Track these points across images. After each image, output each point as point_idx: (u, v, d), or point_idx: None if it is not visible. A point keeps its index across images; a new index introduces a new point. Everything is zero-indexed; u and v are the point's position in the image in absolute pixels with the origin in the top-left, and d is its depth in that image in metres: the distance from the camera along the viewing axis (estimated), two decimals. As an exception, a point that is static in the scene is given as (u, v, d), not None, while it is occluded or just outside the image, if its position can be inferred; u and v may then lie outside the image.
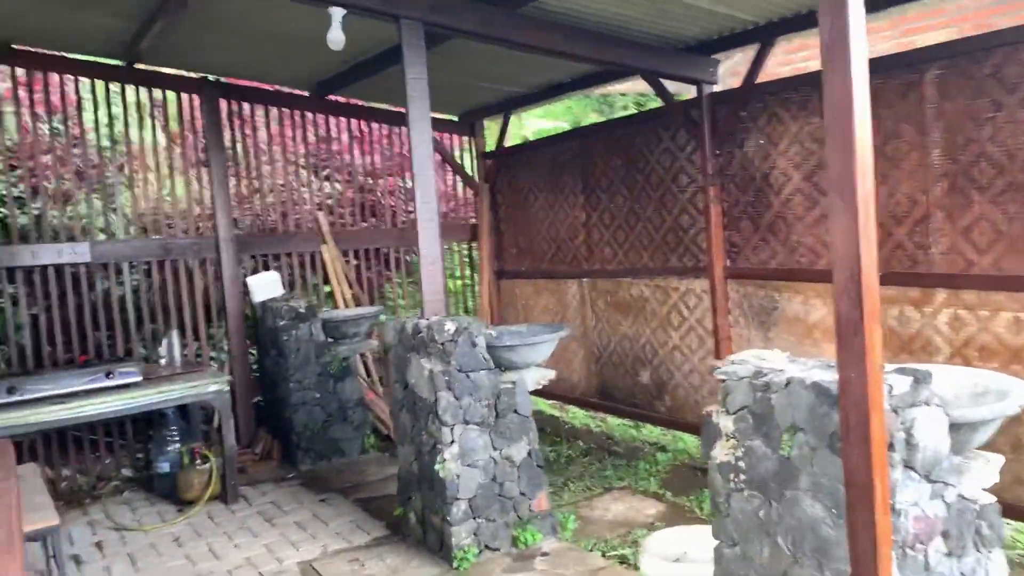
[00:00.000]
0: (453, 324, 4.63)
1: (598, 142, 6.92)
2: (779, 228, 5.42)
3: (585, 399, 7.44)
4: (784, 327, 5.45)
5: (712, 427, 2.96)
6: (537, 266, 7.85)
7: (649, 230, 6.48)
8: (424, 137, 4.70)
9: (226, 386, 5.98)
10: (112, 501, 6.29)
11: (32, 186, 6.62)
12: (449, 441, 4.58)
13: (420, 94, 4.68)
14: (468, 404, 4.63)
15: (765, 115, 5.43)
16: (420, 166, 4.71)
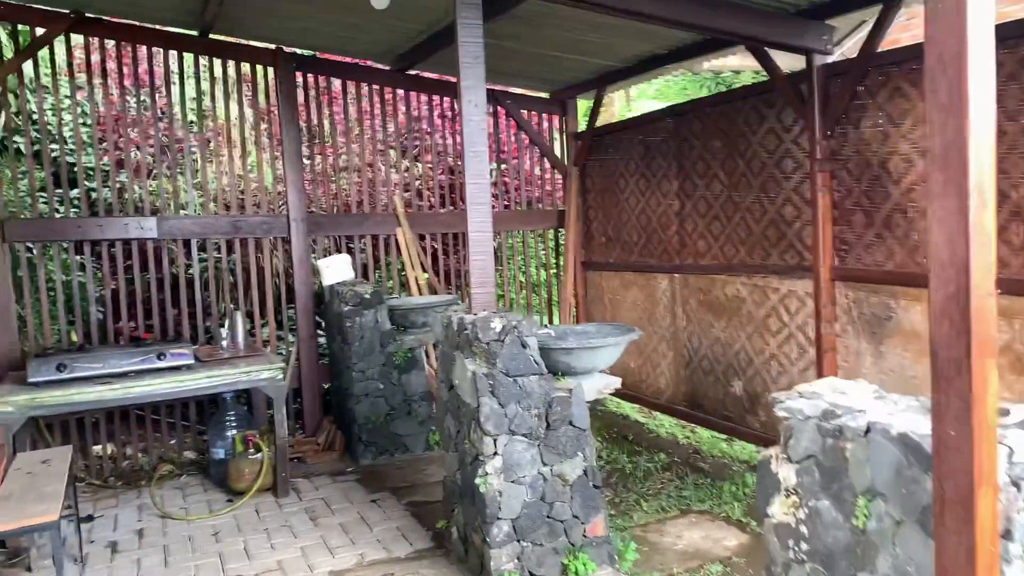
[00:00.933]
0: (500, 322, 4.09)
1: (694, 121, 6.19)
2: (897, 224, 4.59)
3: (672, 406, 6.76)
4: (899, 340, 4.62)
5: (769, 476, 2.31)
6: (626, 258, 7.19)
7: (748, 222, 5.73)
8: (477, 108, 4.16)
9: (280, 373, 5.65)
10: (167, 485, 6.11)
11: (116, 160, 6.51)
12: (491, 453, 4.05)
13: (473, 59, 4.15)
14: (515, 413, 4.08)
15: (886, 90, 4.60)
16: (472, 141, 4.18)
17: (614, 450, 6.49)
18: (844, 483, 2.05)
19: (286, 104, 6.68)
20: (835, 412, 2.08)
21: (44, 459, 4.54)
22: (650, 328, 6.91)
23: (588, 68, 6.93)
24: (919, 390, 4.52)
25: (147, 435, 6.51)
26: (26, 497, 3.89)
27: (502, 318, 4.12)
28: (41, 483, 4.10)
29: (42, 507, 3.73)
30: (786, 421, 2.22)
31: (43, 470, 4.34)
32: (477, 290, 4.27)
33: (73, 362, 5.29)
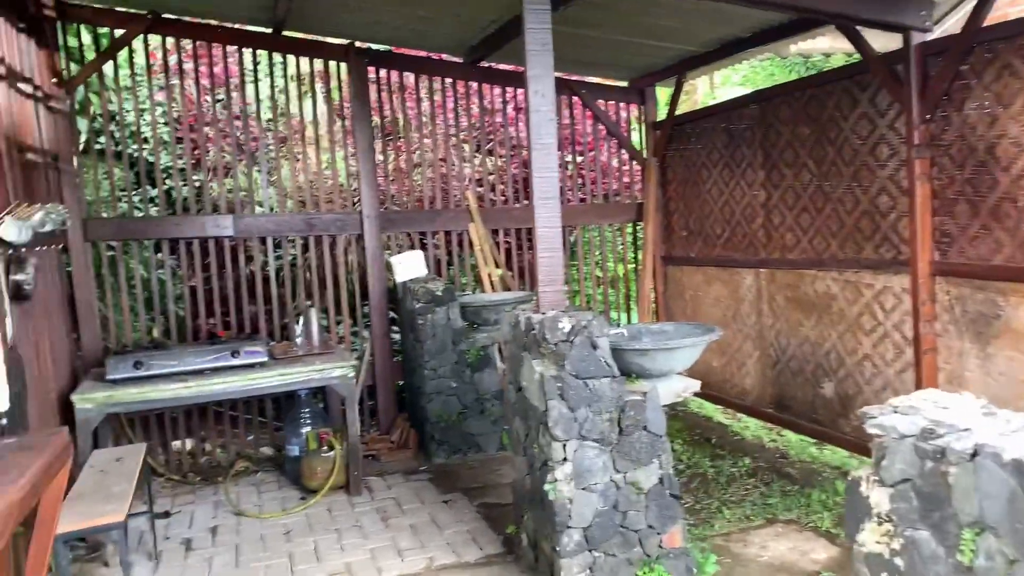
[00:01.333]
0: (569, 322, 3.90)
1: (781, 107, 5.85)
2: (1007, 214, 4.19)
3: (758, 408, 6.43)
4: (1009, 341, 4.23)
5: (859, 499, 2.06)
6: (708, 252, 6.88)
7: (839, 213, 5.37)
8: (544, 98, 3.98)
9: (351, 371, 5.60)
10: (244, 481, 6.15)
11: (195, 158, 6.58)
12: (561, 459, 3.87)
13: (541, 47, 3.96)
14: (585, 417, 3.88)
15: (993, 68, 4.20)
16: (539, 132, 3.99)
17: (695, 454, 6.21)
18: (947, 513, 1.79)
19: (359, 100, 6.62)
20: (935, 431, 1.82)
21: (118, 456, 4.59)
22: (734, 326, 6.59)
23: (667, 54, 6.65)
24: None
25: (225, 431, 6.57)
26: (96, 496, 3.91)
27: (571, 317, 3.93)
28: (112, 482, 4.12)
29: (110, 507, 3.73)
30: (878, 439, 1.97)
31: (115, 468, 4.38)
32: (545, 288, 4.09)
33: (150, 360, 5.35)
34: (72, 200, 5.87)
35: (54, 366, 5.28)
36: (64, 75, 5.86)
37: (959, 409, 1.91)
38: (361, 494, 5.69)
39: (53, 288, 5.44)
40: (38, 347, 4.90)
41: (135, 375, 5.26)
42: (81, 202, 5.98)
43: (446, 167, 7.17)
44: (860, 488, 2.08)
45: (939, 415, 1.90)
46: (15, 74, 4.99)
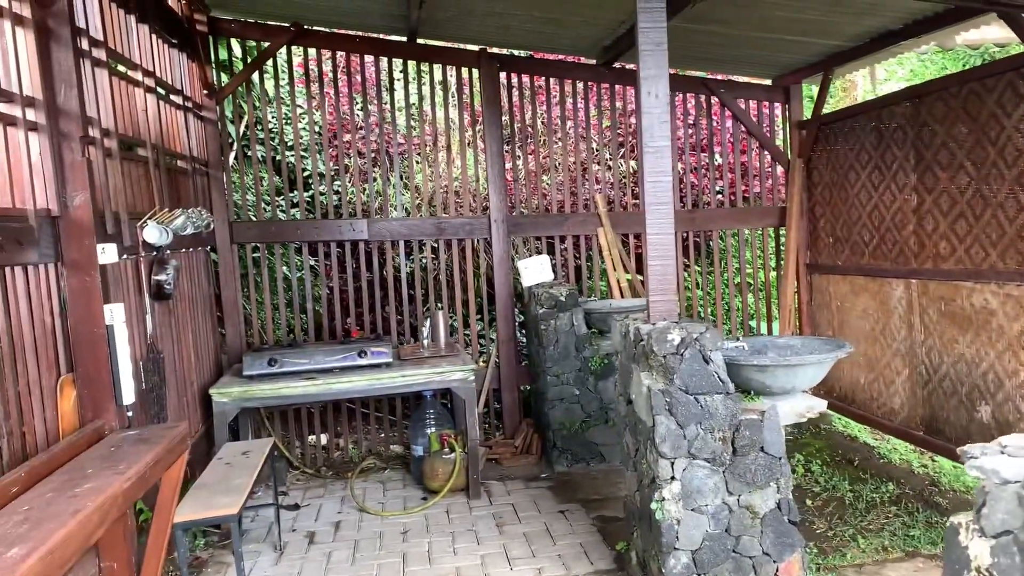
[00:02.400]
0: (679, 333, 3.71)
1: (936, 104, 5.36)
2: None
3: (906, 430, 5.93)
4: None
5: (958, 549, 1.81)
6: (856, 260, 6.42)
7: (1000, 220, 4.86)
8: (657, 99, 3.80)
9: (471, 375, 5.61)
10: (372, 478, 6.30)
11: (337, 164, 6.83)
12: (668, 477, 3.69)
13: (655, 46, 3.79)
14: (695, 434, 3.69)
15: None
16: (651, 135, 3.83)
17: (834, 475, 5.80)
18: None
19: (489, 104, 6.65)
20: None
21: (245, 450, 4.80)
22: (883, 341, 6.12)
23: (810, 50, 6.26)
24: None
25: (357, 428, 6.77)
26: (217, 488, 4.09)
27: (682, 329, 3.74)
28: (235, 475, 4.31)
29: (227, 500, 3.90)
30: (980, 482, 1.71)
31: (241, 461, 4.57)
32: (656, 297, 3.92)
33: (283, 357, 5.58)
34: (220, 204, 6.22)
35: (197, 361, 5.61)
36: (214, 87, 6.22)
37: None
38: (480, 498, 5.70)
39: (199, 287, 5.78)
40: (181, 342, 5.22)
41: (269, 371, 5.51)
42: (229, 206, 6.32)
43: (572, 171, 7.08)
44: (959, 536, 1.82)
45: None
46: (166, 86, 5.33)
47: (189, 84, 5.87)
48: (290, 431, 6.61)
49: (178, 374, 5.12)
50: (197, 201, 5.81)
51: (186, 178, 5.64)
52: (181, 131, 5.62)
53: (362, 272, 6.64)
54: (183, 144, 5.62)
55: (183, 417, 5.08)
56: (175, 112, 5.53)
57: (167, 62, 5.43)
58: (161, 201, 4.96)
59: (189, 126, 5.81)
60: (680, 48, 6.34)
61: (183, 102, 5.66)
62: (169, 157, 5.27)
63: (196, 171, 5.86)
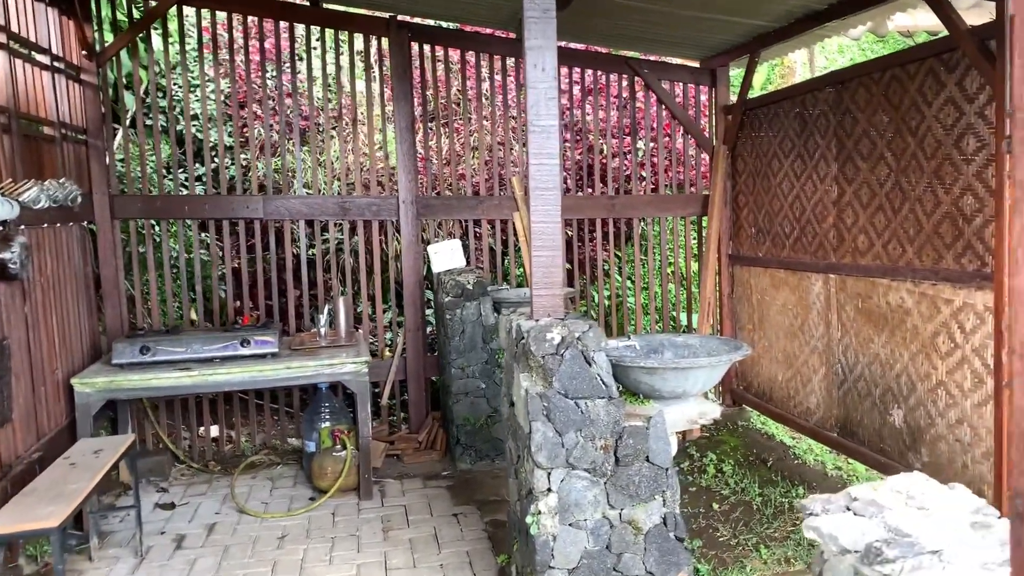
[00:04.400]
0: (560, 332, 3.38)
1: (858, 90, 5.09)
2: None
3: (821, 431, 5.71)
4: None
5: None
6: (777, 253, 6.17)
7: (918, 215, 4.61)
8: (544, 73, 3.45)
9: (364, 367, 5.23)
10: (261, 474, 5.90)
11: (242, 137, 6.36)
12: (544, 489, 3.37)
13: (541, 13, 3.44)
14: (574, 442, 3.37)
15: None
16: (537, 112, 3.47)
17: (745, 477, 5.56)
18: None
19: (399, 78, 6.22)
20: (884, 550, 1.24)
21: (98, 448, 4.36)
22: (801, 337, 5.88)
23: (736, 30, 5.95)
24: None
25: (252, 420, 6.34)
26: (47, 494, 3.66)
27: (564, 327, 3.41)
28: (74, 478, 3.88)
29: (51, 509, 3.47)
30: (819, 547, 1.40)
31: (88, 462, 4.14)
32: (540, 292, 3.57)
33: (157, 345, 5.13)
34: (100, 176, 5.72)
35: (64, 347, 5.13)
36: (95, 48, 5.70)
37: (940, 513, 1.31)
38: (372, 498, 5.34)
39: (68, 266, 5.28)
40: (39, 328, 4.74)
41: (141, 360, 5.06)
42: (111, 178, 5.83)
43: (492, 152, 6.71)
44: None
45: (906, 520, 1.32)
46: (27, 43, 4.82)
47: (60, 43, 5.34)
48: (179, 422, 6.16)
49: (34, 363, 4.64)
50: (67, 172, 5.30)
51: (53, 146, 5.13)
52: (48, 94, 5.11)
53: (268, 253, 6.20)
54: (49, 109, 5.11)
55: (38, 410, 4.61)
56: (40, 73, 5.02)
57: (30, 17, 4.91)
58: (12, 171, 4.47)
59: (59, 89, 5.29)
60: (609, 26, 6.02)
61: (51, 63, 5.15)
62: (28, 123, 4.77)
63: (67, 139, 5.35)
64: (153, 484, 5.72)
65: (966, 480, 4.27)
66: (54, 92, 5.17)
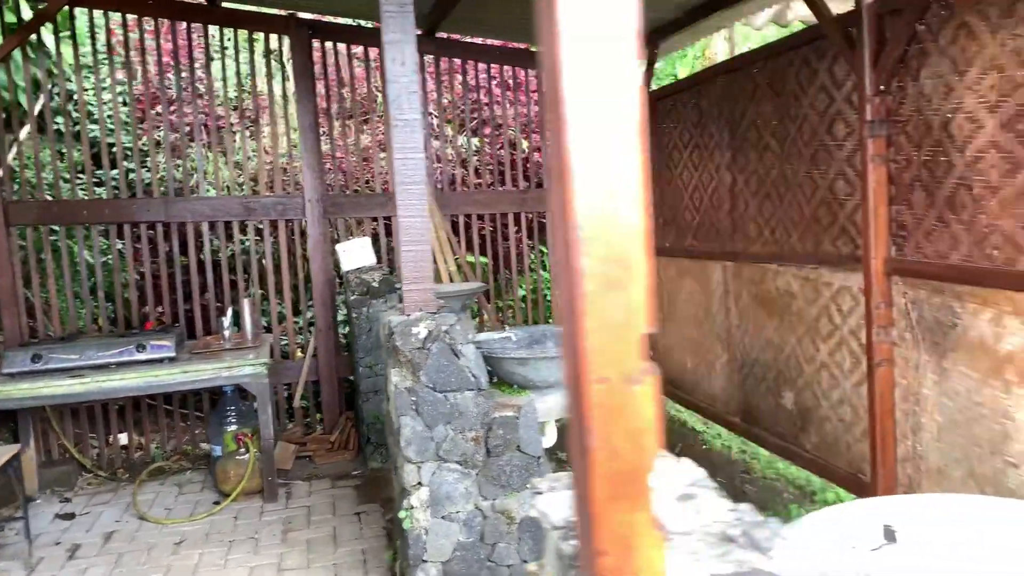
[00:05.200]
0: (426, 326, 3.39)
1: (746, 80, 5.18)
2: (963, 203, 3.50)
3: (725, 416, 5.80)
4: (964, 355, 3.55)
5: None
6: (681, 242, 6.25)
7: (799, 201, 4.71)
8: (403, 67, 3.45)
9: (263, 369, 5.20)
10: (172, 480, 5.83)
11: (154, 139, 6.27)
12: (415, 483, 3.38)
13: (398, 8, 3.44)
14: (444, 435, 3.38)
15: (950, 28, 3.50)
16: (399, 107, 3.48)
17: (652, 464, 5.62)
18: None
19: (301, 76, 6.18)
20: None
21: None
22: (706, 324, 5.97)
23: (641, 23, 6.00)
24: (985, 425, 3.45)
25: (162, 426, 6.26)
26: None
27: (432, 321, 3.42)
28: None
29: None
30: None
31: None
32: (410, 287, 3.58)
33: (50, 352, 5.05)
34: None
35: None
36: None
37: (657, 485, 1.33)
38: (277, 500, 5.31)
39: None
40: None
41: (33, 369, 4.97)
42: (5, 184, 5.71)
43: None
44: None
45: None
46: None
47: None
48: (87, 431, 6.06)
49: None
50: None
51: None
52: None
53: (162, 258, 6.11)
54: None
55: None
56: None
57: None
58: None
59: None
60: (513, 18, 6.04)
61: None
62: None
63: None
64: (57, 494, 5.62)
65: (850, 458, 4.38)
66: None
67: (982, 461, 3.50)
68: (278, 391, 6.42)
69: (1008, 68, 3.19)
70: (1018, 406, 3.26)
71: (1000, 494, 3.39)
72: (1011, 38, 3.17)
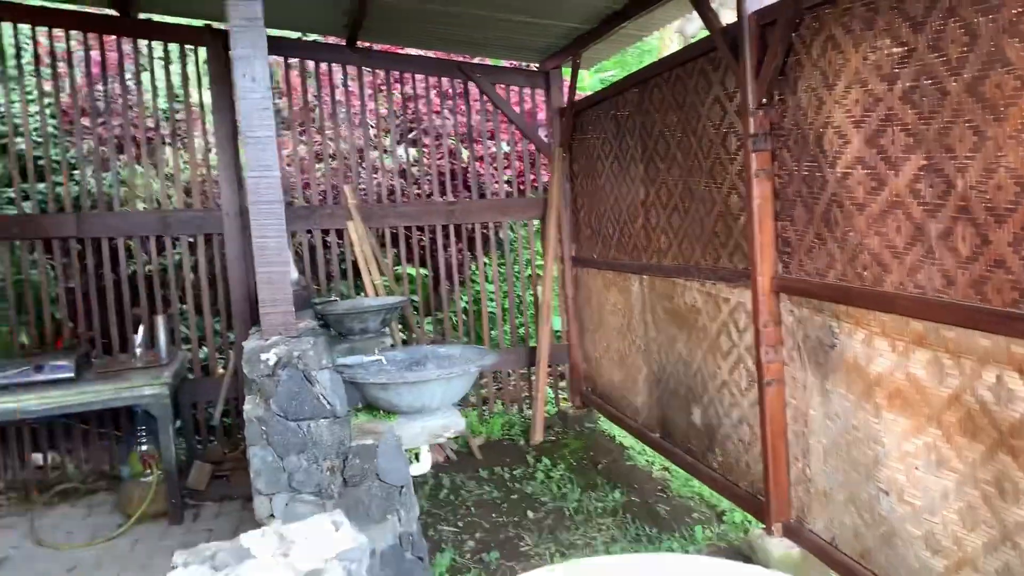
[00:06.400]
0: (276, 352, 3.28)
1: (655, 91, 5.07)
2: (836, 220, 3.40)
3: (645, 431, 5.69)
4: (843, 376, 3.44)
5: None
6: (605, 254, 6.14)
7: (701, 214, 4.60)
8: (255, 83, 3.34)
9: (164, 389, 5.08)
10: (83, 502, 5.70)
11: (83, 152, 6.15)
12: (267, 515, 3.27)
13: (247, 22, 3.33)
14: (297, 465, 3.27)
15: (820, 39, 3.40)
16: (250, 124, 3.36)
17: (571, 482, 5.52)
18: None
19: (217, 86, 6.07)
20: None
21: None
22: (629, 337, 5.86)
23: (556, 32, 5.91)
24: (860, 449, 3.34)
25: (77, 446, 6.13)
26: None
27: (283, 346, 3.31)
28: None
29: None
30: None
31: None
32: (268, 309, 3.46)
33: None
34: None
35: None
36: None
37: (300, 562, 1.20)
38: (182, 523, 5.19)
39: None
40: None
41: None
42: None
43: (321, 160, 6.59)
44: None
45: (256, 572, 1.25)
46: None
47: None
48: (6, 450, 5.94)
49: None
50: None
51: None
52: None
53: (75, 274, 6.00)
54: None
55: None
56: None
57: None
58: None
59: None
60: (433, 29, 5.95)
61: None
62: None
63: None
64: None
65: (751, 479, 4.27)
66: None
67: (859, 487, 3.39)
68: (198, 408, 6.31)
69: (870, 82, 3.08)
70: (887, 431, 3.15)
71: (875, 520, 3.29)
72: (872, 51, 3.06)
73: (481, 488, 5.59)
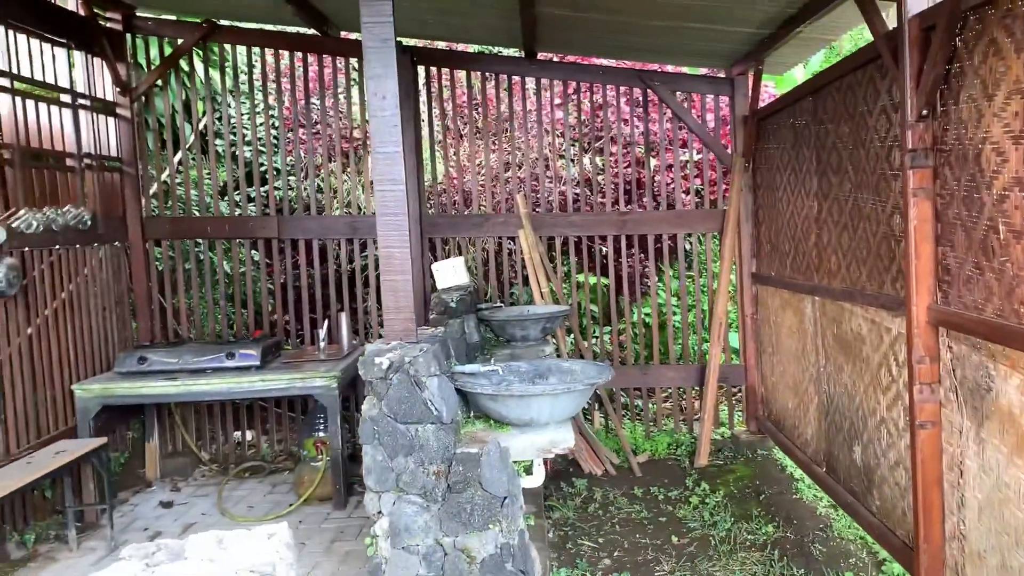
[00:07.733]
0: (389, 357, 3.42)
1: (828, 100, 4.70)
2: (992, 248, 2.98)
3: (812, 465, 5.29)
4: (996, 425, 3.02)
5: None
6: (782, 271, 5.79)
7: (867, 234, 4.21)
8: (385, 101, 3.50)
9: (333, 381, 5.46)
10: (267, 479, 6.27)
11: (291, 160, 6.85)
12: (376, 511, 3.43)
13: (381, 43, 3.49)
14: (404, 466, 3.40)
15: (982, 43, 2.99)
16: (381, 140, 3.54)
17: (727, 510, 5.26)
18: None
19: (406, 99, 6.41)
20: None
21: (61, 450, 4.84)
22: (803, 362, 5.48)
23: (735, 37, 5.65)
24: (1010, 509, 2.92)
25: (271, 427, 6.75)
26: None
27: (398, 352, 3.45)
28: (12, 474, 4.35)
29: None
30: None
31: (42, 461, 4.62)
32: (391, 316, 3.62)
33: (154, 355, 5.62)
34: (133, 200, 6.34)
35: (80, 358, 5.72)
36: (128, 85, 6.32)
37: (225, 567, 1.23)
38: (344, 509, 5.55)
39: (90, 284, 5.86)
40: (40, 341, 5.31)
41: (138, 369, 5.55)
42: (143, 202, 6.43)
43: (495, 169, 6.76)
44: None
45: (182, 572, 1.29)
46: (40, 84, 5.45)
47: (87, 82, 5.98)
48: (206, 427, 6.67)
49: (36, 372, 5.23)
50: (93, 198, 5.92)
51: (73, 176, 5.75)
52: (68, 129, 5.73)
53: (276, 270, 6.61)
54: (69, 142, 5.73)
55: (40, 413, 5.22)
56: (60, 110, 5.66)
57: (47, 60, 5.55)
58: (15, 201, 5.08)
59: (88, 124, 5.94)
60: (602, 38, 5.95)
61: (74, 101, 5.78)
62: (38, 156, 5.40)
63: (93, 168, 5.97)
64: (172, 483, 6.23)
65: (905, 529, 3.86)
66: (75, 126, 5.77)
67: (1010, 552, 2.96)
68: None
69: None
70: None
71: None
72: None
73: (631, 506, 5.48)
